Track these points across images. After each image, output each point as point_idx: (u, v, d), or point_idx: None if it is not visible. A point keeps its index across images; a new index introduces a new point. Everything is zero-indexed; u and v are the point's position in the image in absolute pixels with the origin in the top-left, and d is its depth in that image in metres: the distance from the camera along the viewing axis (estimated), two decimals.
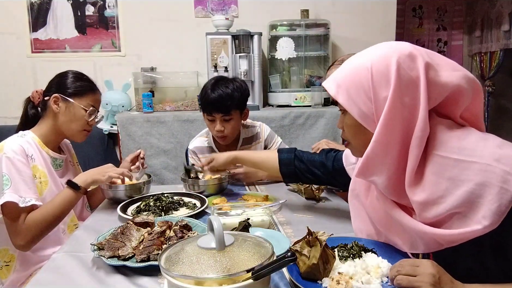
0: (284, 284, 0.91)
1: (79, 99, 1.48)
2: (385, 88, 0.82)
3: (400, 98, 0.81)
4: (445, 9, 4.24)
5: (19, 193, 1.29)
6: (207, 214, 1.38)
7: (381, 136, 0.83)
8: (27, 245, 1.33)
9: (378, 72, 0.83)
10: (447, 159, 0.80)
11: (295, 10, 3.25)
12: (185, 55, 3.30)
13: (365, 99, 0.85)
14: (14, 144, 1.36)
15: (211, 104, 1.74)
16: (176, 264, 0.73)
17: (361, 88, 0.85)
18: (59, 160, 1.53)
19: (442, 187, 0.80)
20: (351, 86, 0.86)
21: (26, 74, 3.23)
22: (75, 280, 0.96)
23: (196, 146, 1.91)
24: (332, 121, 2.98)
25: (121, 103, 3.05)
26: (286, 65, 3.24)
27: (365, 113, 0.85)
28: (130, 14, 3.25)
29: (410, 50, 0.84)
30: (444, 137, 0.83)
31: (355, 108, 0.86)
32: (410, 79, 0.82)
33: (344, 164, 1.22)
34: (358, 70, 0.86)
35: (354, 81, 0.86)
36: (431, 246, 0.84)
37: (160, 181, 2.91)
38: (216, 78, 1.84)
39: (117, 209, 1.38)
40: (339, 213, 1.39)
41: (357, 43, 3.19)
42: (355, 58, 0.91)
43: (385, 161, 0.85)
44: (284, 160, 1.37)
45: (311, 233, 0.91)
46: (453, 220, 0.80)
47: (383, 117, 0.82)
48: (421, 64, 0.82)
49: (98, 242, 1.06)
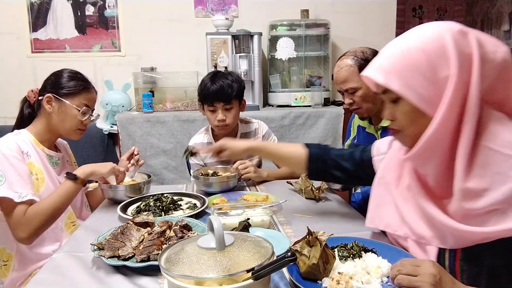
0: (284, 284, 0.91)
1: (71, 98, 1.47)
2: (445, 67, 0.79)
3: (461, 75, 0.78)
4: (445, 9, 4.24)
5: (14, 188, 1.29)
6: (207, 214, 1.37)
7: (445, 117, 0.79)
8: (28, 238, 1.33)
9: (434, 52, 0.80)
10: (497, 152, 0.78)
11: (295, 10, 3.26)
12: (185, 55, 3.31)
13: (422, 81, 0.81)
14: (8, 141, 1.37)
15: (213, 94, 1.80)
16: (176, 264, 0.73)
17: (417, 70, 0.81)
18: (55, 158, 1.53)
19: (488, 180, 0.78)
20: (404, 71, 0.82)
21: (26, 74, 3.23)
22: (75, 280, 0.96)
23: (196, 143, 1.96)
24: (332, 121, 2.98)
25: (121, 103, 3.05)
26: (286, 65, 3.24)
27: (424, 96, 0.81)
28: (130, 14, 3.25)
29: (459, 27, 0.81)
30: (495, 129, 0.80)
31: (412, 93, 0.82)
32: (467, 56, 0.79)
33: (372, 154, 1.16)
34: (409, 53, 0.82)
35: (407, 64, 0.82)
36: (461, 242, 0.83)
37: (160, 181, 2.91)
38: (213, 72, 1.91)
39: (117, 209, 1.38)
40: (339, 213, 1.39)
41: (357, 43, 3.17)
42: (398, 42, 0.87)
43: (443, 143, 0.82)
44: (314, 156, 1.26)
45: (311, 233, 0.91)
46: (490, 216, 0.78)
47: (449, 96, 0.78)
48: (473, 40, 0.80)
49: (98, 242, 1.06)
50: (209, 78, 1.84)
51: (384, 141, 1.15)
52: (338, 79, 1.61)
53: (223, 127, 1.86)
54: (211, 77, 1.83)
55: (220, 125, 1.84)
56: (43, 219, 1.33)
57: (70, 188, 1.39)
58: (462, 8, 4.23)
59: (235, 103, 1.85)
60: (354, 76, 1.54)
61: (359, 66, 1.53)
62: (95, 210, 1.52)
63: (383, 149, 1.13)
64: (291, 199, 1.52)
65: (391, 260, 0.90)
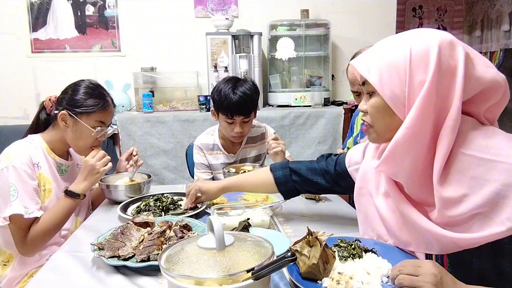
0: (284, 284, 0.91)
1: (87, 118, 1.42)
2: (423, 72, 0.79)
3: (436, 84, 0.78)
4: (445, 9, 4.24)
5: (25, 203, 1.30)
6: (207, 214, 1.37)
7: (414, 121, 0.79)
8: (30, 253, 1.37)
9: (417, 55, 0.80)
10: (472, 157, 0.78)
11: (295, 10, 3.26)
12: (185, 55, 3.31)
13: (398, 81, 0.82)
14: (21, 153, 1.36)
15: (234, 108, 1.70)
16: (176, 264, 0.73)
17: (396, 70, 0.82)
18: (65, 166, 1.52)
19: (466, 186, 0.78)
20: (385, 67, 0.83)
21: (26, 74, 3.23)
22: (75, 280, 0.96)
23: (203, 143, 1.92)
24: (332, 121, 2.98)
25: (121, 103, 3.05)
26: (286, 65, 3.24)
27: (397, 96, 0.82)
28: (130, 14, 3.25)
29: (451, 38, 0.81)
30: (470, 135, 0.81)
31: (386, 90, 0.83)
32: (449, 67, 0.79)
33: (347, 165, 1.16)
34: (394, 52, 0.83)
35: (389, 62, 0.83)
36: (448, 248, 0.83)
37: (160, 181, 2.91)
38: (233, 80, 1.78)
39: (117, 209, 1.38)
40: (339, 213, 1.39)
41: (357, 43, 3.19)
42: (391, 39, 0.87)
43: (413, 149, 0.82)
44: (280, 179, 1.26)
45: (311, 233, 0.91)
46: (474, 221, 0.78)
47: (418, 102, 0.78)
48: (461, 53, 0.80)
49: (98, 242, 1.06)
50: (230, 89, 1.71)
51: (356, 150, 1.15)
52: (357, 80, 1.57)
53: (238, 138, 1.82)
54: (232, 88, 1.71)
55: (237, 136, 1.80)
56: (45, 237, 1.36)
57: (70, 205, 1.40)
58: (462, 8, 4.22)
59: (252, 114, 1.80)
60: None
61: None
62: (95, 210, 1.52)
63: (357, 159, 1.13)
64: (291, 199, 1.52)
65: (391, 260, 0.89)
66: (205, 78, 3.10)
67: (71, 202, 1.40)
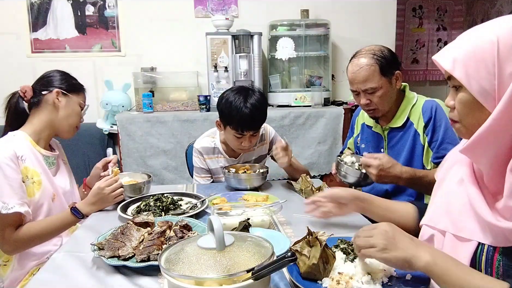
0: (284, 284, 0.91)
1: (76, 95, 1.55)
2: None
3: None
4: (445, 9, 4.24)
5: (3, 199, 1.28)
6: (207, 214, 1.38)
7: (502, 114, 0.76)
8: (13, 252, 1.37)
9: (505, 46, 0.77)
10: None
11: (295, 10, 3.26)
12: (185, 55, 3.31)
13: (486, 74, 0.79)
14: (4, 148, 1.34)
15: (245, 124, 1.66)
16: (176, 264, 0.73)
17: (483, 62, 0.79)
18: (52, 158, 1.52)
19: None
20: (471, 60, 0.80)
21: (26, 74, 3.21)
22: (75, 280, 0.96)
23: (203, 146, 1.88)
24: (332, 121, 2.98)
25: (121, 103, 3.05)
26: (286, 65, 3.24)
27: (485, 89, 0.79)
28: (130, 14, 3.25)
29: None
30: None
31: (474, 84, 0.80)
32: None
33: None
34: (480, 43, 0.80)
35: (475, 55, 0.80)
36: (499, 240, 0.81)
37: (160, 181, 2.91)
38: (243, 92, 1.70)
39: (117, 209, 1.38)
40: None
41: (357, 43, 3.17)
42: (475, 31, 0.84)
43: (498, 140, 0.80)
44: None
45: (311, 233, 0.91)
46: None
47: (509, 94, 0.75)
48: None
49: (98, 242, 1.06)
50: (242, 103, 1.65)
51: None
52: (357, 79, 1.54)
53: (246, 150, 1.81)
54: (243, 102, 1.65)
55: (244, 149, 1.78)
56: (35, 242, 1.37)
57: (70, 221, 1.42)
58: (462, 8, 4.23)
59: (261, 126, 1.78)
60: (375, 76, 1.51)
61: (380, 65, 1.50)
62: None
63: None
64: (291, 199, 1.52)
65: None
66: (205, 78, 3.10)
67: (73, 219, 1.41)
